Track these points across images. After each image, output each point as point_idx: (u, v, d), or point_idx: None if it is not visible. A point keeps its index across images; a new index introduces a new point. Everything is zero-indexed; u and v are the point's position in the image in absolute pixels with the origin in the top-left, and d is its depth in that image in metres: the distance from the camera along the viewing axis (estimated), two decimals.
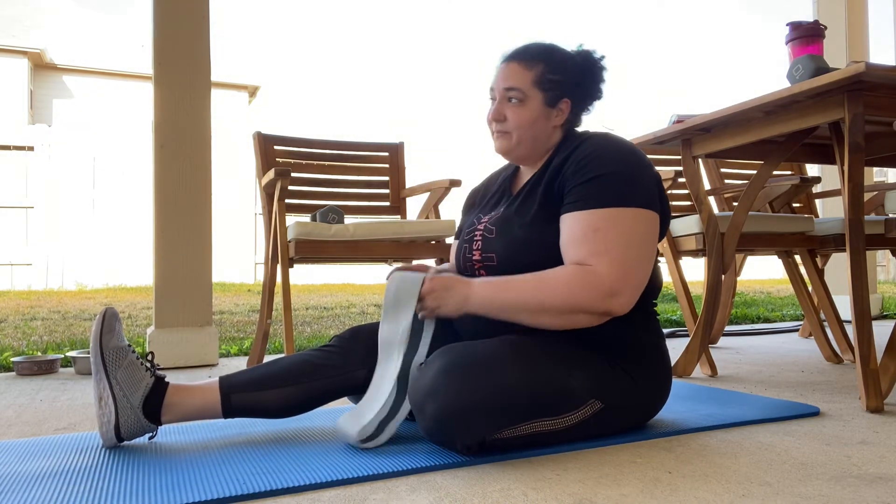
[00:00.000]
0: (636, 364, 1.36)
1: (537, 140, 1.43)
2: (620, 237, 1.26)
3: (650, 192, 1.32)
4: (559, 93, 1.42)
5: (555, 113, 1.43)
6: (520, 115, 1.41)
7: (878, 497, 1.01)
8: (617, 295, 1.25)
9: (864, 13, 4.19)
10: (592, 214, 1.28)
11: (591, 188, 1.30)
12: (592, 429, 1.31)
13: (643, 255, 1.29)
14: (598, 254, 1.26)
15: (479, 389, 1.18)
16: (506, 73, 1.43)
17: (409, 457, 1.22)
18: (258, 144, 2.78)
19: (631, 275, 1.26)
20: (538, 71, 1.41)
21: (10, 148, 11.51)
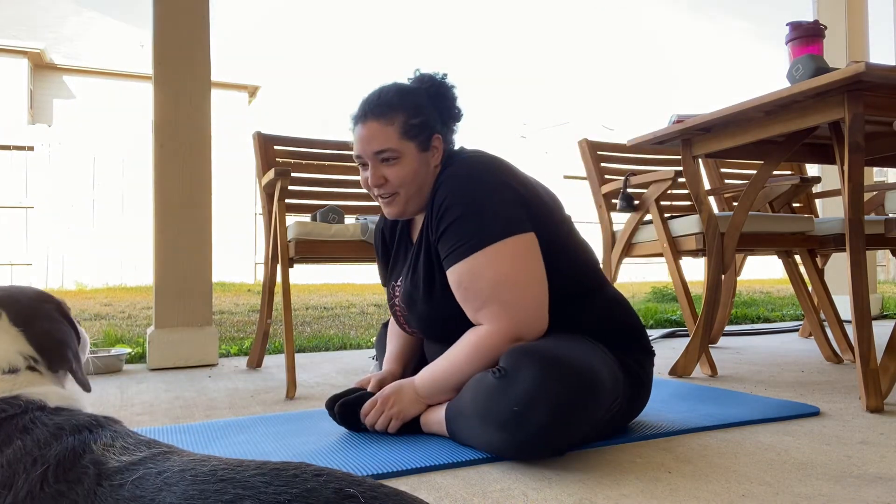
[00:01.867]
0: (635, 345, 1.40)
1: (423, 189, 1.40)
2: (489, 284, 1.26)
3: (503, 216, 1.28)
4: (428, 133, 1.38)
5: (431, 154, 1.40)
6: (400, 173, 1.36)
7: (878, 497, 1.01)
8: (521, 337, 1.27)
9: (864, 13, 4.19)
10: (455, 271, 1.29)
11: (447, 241, 1.30)
12: (616, 420, 1.33)
13: (521, 285, 1.26)
14: (480, 310, 1.28)
15: (583, 385, 1.17)
16: (368, 135, 1.37)
17: (409, 457, 1.22)
18: (258, 144, 2.78)
19: (519, 313, 1.26)
20: (400, 122, 1.36)
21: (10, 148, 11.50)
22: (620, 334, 1.39)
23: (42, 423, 0.65)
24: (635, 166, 2.92)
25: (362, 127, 1.38)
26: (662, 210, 2.49)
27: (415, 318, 1.44)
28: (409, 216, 1.46)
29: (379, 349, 1.83)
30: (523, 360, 1.19)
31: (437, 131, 1.40)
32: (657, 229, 2.47)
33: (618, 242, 2.68)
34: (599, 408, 1.21)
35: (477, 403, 1.21)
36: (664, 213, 2.49)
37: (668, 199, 2.83)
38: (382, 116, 1.36)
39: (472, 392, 1.24)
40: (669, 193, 2.63)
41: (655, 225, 2.48)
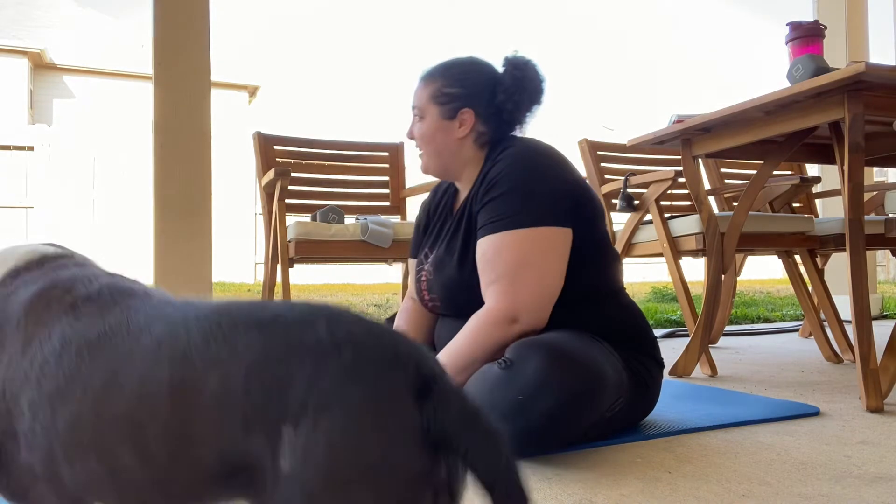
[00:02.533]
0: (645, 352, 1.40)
1: (442, 154, 1.46)
2: (506, 263, 1.28)
3: (545, 207, 1.31)
4: (456, 105, 1.43)
5: (456, 124, 1.43)
6: (420, 130, 1.47)
7: (878, 497, 1.01)
8: (517, 320, 1.28)
9: (864, 13, 4.19)
10: (484, 242, 1.32)
11: (486, 214, 1.33)
12: (615, 421, 1.32)
13: (535, 273, 1.28)
14: (489, 285, 1.30)
15: (588, 379, 1.18)
16: (414, 93, 1.50)
17: None
18: (258, 144, 2.78)
19: (523, 297, 1.28)
20: (435, 87, 1.45)
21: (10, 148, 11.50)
22: (630, 338, 1.40)
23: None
24: (635, 166, 2.92)
25: (417, 84, 1.51)
26: (662, 210, 2.49)
27: (439, 284, 1.45)
28: (435, 174, 1.53)
29: None
30: (530, 352, 1.20)
31: (470, 107, 1.43)
32: (657, 229, 2.47)
33: (618, 242, 2.68)
34: (602, 404, 1.22)
35: (481, 394, 1.21)
36: (664, 213, 2.49)
37: (668, 199, 2.83)
38: (426, 79, 1.48)
39: (476, 384, 1.24)
40: (669, 193, 2.63)
41: (655, 225, 2.48)
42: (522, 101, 1.44)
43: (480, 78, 1.45)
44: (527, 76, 1.44)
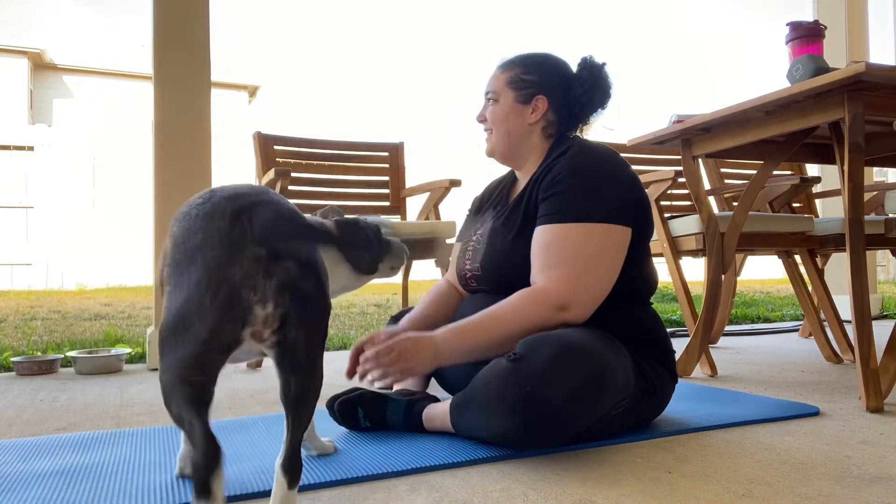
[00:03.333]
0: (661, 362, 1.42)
1: (512, 136, 1.50)
2: (570, 252, 1.30)
3: (613, 204, 1.34)
4: (532, 91, 1.49)
5: (529, 110, 1.49)
6: (493, 112, 1.53)
7: (878, 497, 1.01)
8: (567, 308, 1.29)
9: (864, 13, 4.19)
10: (549, 230, 1.34)
11: (553, 203, 1.36)
12: (619, 420, 1.33)
13: (595, 267, 1.31)
14: (547, 268, 1.31)
15: (596, 374, 1.19)
16: (490, 79, 1.55)
17: (409, 457, 1.22)
18: (258, 144, 2.78)
19: (580, 287, 1.30)
20: (513, 73, 1.51)
21: (10, 148, 11.51)
22: (647, 344, 1.41)
23: None
24: (635, 166, 2.92)
25: (494, 72, 1.56)
26: (662, 210, 2.49)
27: (488, 254, 1.47)
28: (499, 159, 1.57)
29: None
30: (539, 345, 1.21)
31: (544, 94, 1.48)
32: (657, 229, 2.47)
33: None
34: (609, 400, 1.22)
35: (489, 386, 1.22)
36: (664, 213, 2.49)
37: (668, 199, 2.83)
38: (505, 66, 1.54)
39: (484, 377, 1.24)
40: (669, 193, 2.63)
41: (655, 225, 2.48)
42: (595, 98, 1.49)
43: (557, 70, 1.51)
44: (601, 76, 1.50)
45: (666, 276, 2.51)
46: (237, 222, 0.79)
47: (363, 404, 1.42)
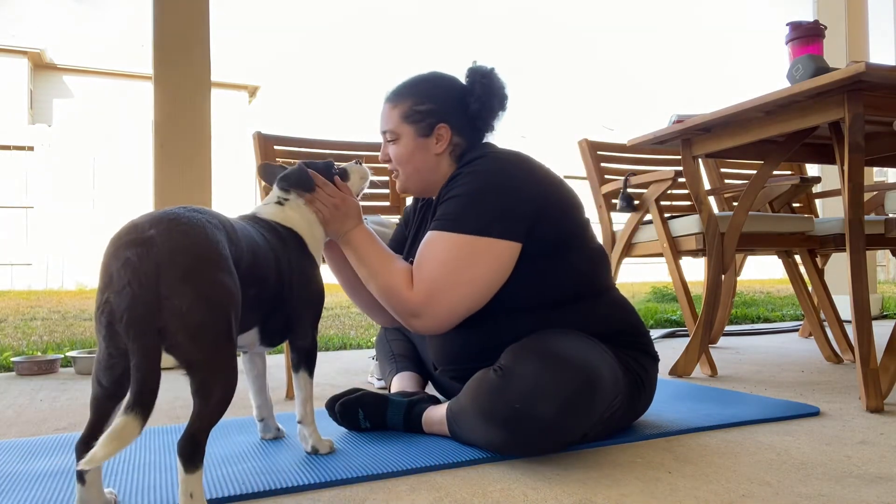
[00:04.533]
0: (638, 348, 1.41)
1: (422, 172, 1.46)
2: (438, 264, 1.29)
3: (492, 217, 1.29)
4: (431, 121, 1.43)
5: (433, 141, 1.44)
6: (396, 152, 1.46)
7: (878, 497, 1.01)
8: (417, 317, 1.30)
9: (864, 13, 4.19)
10: (429, 234, 1.33)
11: (442, 208, 1.35)
12: (615, 420, 1.32)
13: (460, 285, 1.28)
14: (417, 274, 1.31)
15: (584, 381, 1.17)
16: (382, 116, 1.48)
17: (409, 457, 1.22)
18: (258, 144, 2.78)
19: (435, 303, 1.29)
20: (405, 107, 1.44)
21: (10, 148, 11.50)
22: (622, 335, 1.39)
23: None
24: (635, 166, 2.92)
25: (383, 108, 1.49)
26: (662, 210, 2.49)
27: None
28: (413, 194, 1.53)
29: (379, 349, 1.83)
30: (522, 357, 1.20)
31: (446, 121, 1.43)
32: (657, 229, 2.47)
33: (618, 242, 2.68)
34: (601, 404, 1.21)
35: (478, 402, 1.21)
36: (664, 213, 2.49)
37: (668, 199, 2.83)
38: (393, 100, 1.47)
39: (472, 391, 1.24)
40: (669, 193, 2.63)
41: (655, 225, 2.48)
42: (492, 106, 1.45)
43: (449, 91, 1.45)
44: (494, 83, 1.45)
45: (666, 276, 2.50)
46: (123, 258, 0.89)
47: (363, 405, 1.42)
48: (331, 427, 1.46)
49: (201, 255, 0.93)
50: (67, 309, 5.81)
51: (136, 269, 0.87)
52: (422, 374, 1.68)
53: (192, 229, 0.94)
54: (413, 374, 1.66)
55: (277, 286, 1.16)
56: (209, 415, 0.92)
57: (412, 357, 1.71)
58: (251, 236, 1.12)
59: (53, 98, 16.10)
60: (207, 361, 0.92)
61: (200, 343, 0.90)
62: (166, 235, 0.91)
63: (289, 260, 1.21)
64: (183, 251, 0.91)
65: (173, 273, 0.88)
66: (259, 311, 1.12)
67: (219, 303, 0.92)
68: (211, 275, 0.92)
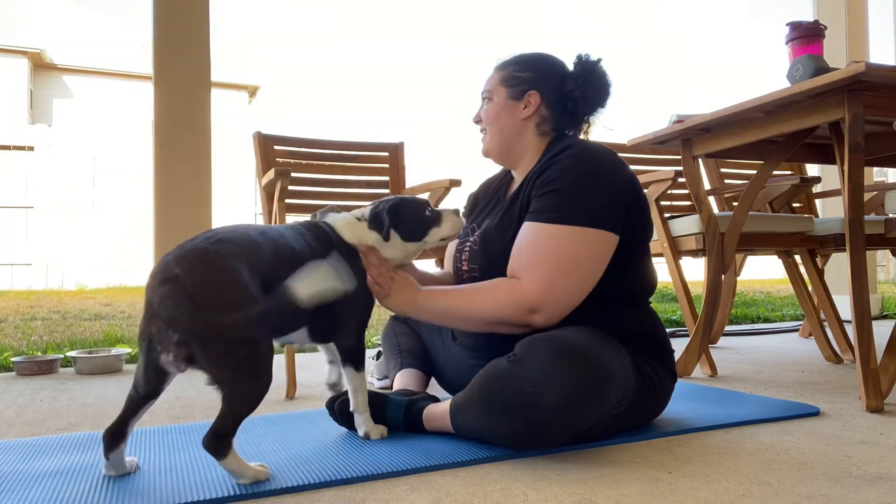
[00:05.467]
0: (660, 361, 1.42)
1: (505, 133, 1.50)
2: (551, 255, 1.30)
3: (601, 209, 1.32)
4: (524, 87, 1.49)
5: (522, 105, 1.49)
6: (487, 111, 1.53)
7: (878, 497, 1.01)
8: (537, 311, 1.30)
9: (864, 13, 4.19)
10: (536, 228, 1.34)
11: (542, 201, 1.35)
12: (620, 420, 1.32)
13: (575, 274, 1.30)
14: (528, 269, 1.32)
15: (595, 374, 1.18)
16: (487, 80, 1.55)
17: (409, 457, 1.22)
18: (258, 144, 2.78)
19: (555, 293, 1.29)
20: (507, 72, 1.52)
21: (10, 148, 11.51)
22: (646, 344, 1.41)
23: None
24: (635, 166, 2.92)
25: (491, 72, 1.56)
26: (662, 210, 2.49)
27: (484, 257, 1.48)
28: (495, 158, 1.57)
29: (385, 342, 1.83)
30: (537, 346, 1.21)
31: (536, 89, 1.48)
32: (657, 229, 2.47)
33: None
34: (608, 400, 1.22)
35: (488, 388, 1.22)
36: (664, 213, 2.49)
37: (668, 199, 2.83)
38: (500, 67, 1.54)
39: (483, 378, 1.25)
40: (669, 193, 2.63)
41: (655, 225, 2.48)
42: (588, 94, 1.48)
43: (551, 67, 1.51)
44: (596, 73, 1.49)
45: (666, 276, 2.51)
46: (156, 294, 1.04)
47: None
48: (331, 427, 1.46)
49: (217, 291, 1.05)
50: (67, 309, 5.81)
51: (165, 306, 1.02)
52: (426, 372, 1.68)
53: (209, 266, 1.07)
54: (417, 372, 1.66)
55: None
56: (231, 417, 1.06)
57: (418, 354, 1.71)
58: (288, 250, 1.21)
59: (53, 98, 16.11)
60: (228, 380, 1.06)
61: (219, 367, 1.05)
62: (187, 275, 1.04)
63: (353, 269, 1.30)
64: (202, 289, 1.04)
65: (194, 309, 1.02)
66: (305, 312, 1.21)
67: (233, 331, 1.04)
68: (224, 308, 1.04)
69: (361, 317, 1.35)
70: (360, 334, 1.34)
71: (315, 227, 1.34)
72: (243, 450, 1.31)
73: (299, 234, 1.28)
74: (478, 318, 1.35)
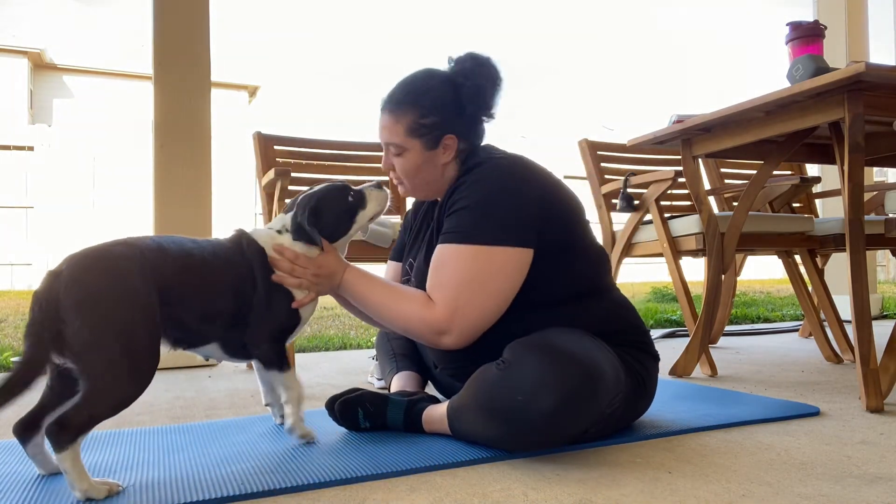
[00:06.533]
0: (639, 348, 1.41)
1: (430, 182, 1.45)
2: (456, 276, 1.29)
3: (507, 225, 1.29)
4: (438, 133, 1.40)
5: (441, 151, 1.42)
6: (402, 165, 1.43)
7: (878, 497, 1.01)
8: (445, 334, 1.29)
9: (864, 13, 4.19)
10: (442, 249, 1.33)
11: (449, 222, 1.34)
12: (615, 418, 1.31)
13: (481, 294, 1.28)
14: (436, 289, 1.31)
15: (586, 376, 1.17)
16: (382, 125, 1.44)
17: (409, 457, 1.22)
18: (258, 144, 2.78)
19: (461, 316, 1.28)
20: (409, 120, 1.39)
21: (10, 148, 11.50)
22: (623, 334, 1.40)
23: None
24: (635, 166, 2.92)
25: (381, 116, 1.45)
26: (662, 210, 2.49)
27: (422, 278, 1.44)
28: (421, 198, 1.54)
29: (380, 347, 1.83)
30: (526, 351, 1.20)
31: (451, 131, 1.41)
32: (657, 229, 2.47)
33: (618, 242, 2.68)
34: (601, 400, 1.21)
35: (480, 396, 1.22)
36: (664, 213, 2.49)
37: (668, 199, 2.83)
38: (394, 111, 1.41)
39: (474, 386, 1.25)
40: (669, 193, 2.63)
41: (655, 225, 2.48)
42: (482, 83, 1.40)
43: (447, 96, 1.40)
44: (478, 59, 1.41)
45: (666, 276, 2.50)
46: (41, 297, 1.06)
47: (363, 405, 1.42)
48: (331, 427, 1.46)
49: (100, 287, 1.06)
50: None
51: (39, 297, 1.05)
52: (422, 373, 1.68)
53: (95, 264, 1.08)
54: (413, 374, 1.66)
55: (235, 304, 1.24)
56: (86, 413, 1.04)
57: (412, 356, 1.71)
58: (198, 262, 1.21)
59: (53, 98, 16.10)
60: (94, 376, 1.04)
61: (85, 361, 1.04)
62: (74, 267, 1.07)
63: (254, 280, 1.27)
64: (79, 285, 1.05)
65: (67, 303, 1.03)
66: (213, 325, 1.22)
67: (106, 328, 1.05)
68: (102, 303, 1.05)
69: (274, 325, 1.29)
70: (275, 340, 1.30)
71: (239, 240, 1.31)
72: (243, 449, 1.31)
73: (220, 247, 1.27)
74: (391, 322, 1.36)
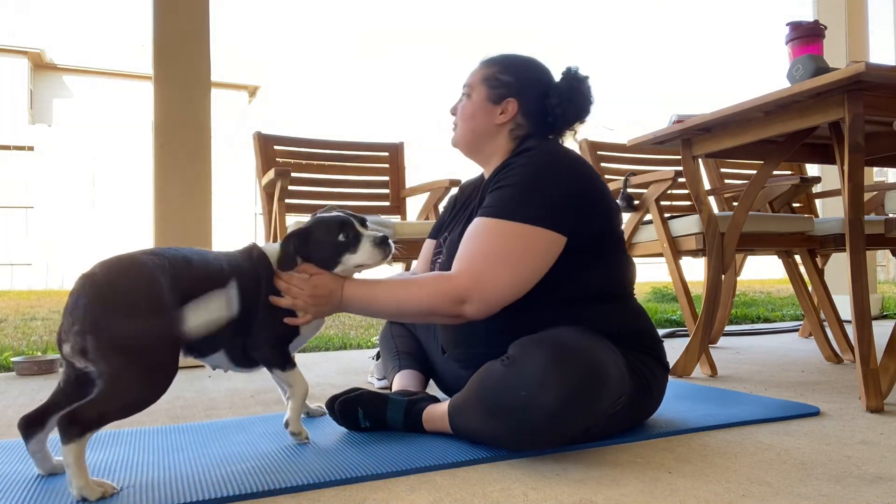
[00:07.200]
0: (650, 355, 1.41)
1: (476, 133, 1.50)
2: (482, 247, 1.30)
3: (545, 207, 1.31)
4: (504, 91, 1.47)
5: (498, 110, 1.48)
6: (464, 107, 1.52)
7: (878, 497, 1.01)
8: (465, 302, 1.29)
9: (864, 13, 4.19)
10: (476, 222, 1.35)
11: (489, 198, 1.36)
12: (617, 420, 1.31)
13: (504, 267, 1.29)
14: (461, 260, 1.32)
15: (591, 374, 1.18)
16: (470, 73, 1.54)
17: (409, 457, 1.22)
18: (258, 144, 2.78)
19: (484, 285, 1.28)
20: (490, 71, 1.50)
21: (10, 148, 11.51)
22: (636, 340, 1.41)
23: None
24: (635, 166, 2.93)
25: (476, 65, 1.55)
26: (662, 210, 2.49)
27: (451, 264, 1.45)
28: (462, 150, 1.57)
29: (383, 345, 1.83)
30: (532, 348, 1.21)
31: (515, 97, 1.47)
32: (657, 229, 2.47)
33: None
34: (605, 400, 1.21)
35: (484, 391, 1.22)
36: (664, 213, 2.49)
37: (668, 199, 2.83)
38: (485, 63, 1.53)
39: (477, 381, 1.25)
40: (669, 193, 2.63)
41: (655, 225, 2.48)
42: (569, 111, 1.47)
43: (536, 76, 1.49)
44: (581, 89, 1.47)
45: (666, 276, 2.50)
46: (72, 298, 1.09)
47: (363, 404, 1.42)
48: (331, 427, 1.46)
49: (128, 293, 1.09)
50: None
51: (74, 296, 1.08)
52: (424, 372, 1.68)
53: (129, 270, 1.12)
54: (415, 373, 1.66)
55: (240, 313, 1.25)
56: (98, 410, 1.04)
57: (416, 355, 1.71)
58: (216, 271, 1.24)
59: (53, 98, 16.11)
60: (111, 378, 1.05)
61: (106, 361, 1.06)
62: (105, 273, 1.10)
63: (258, 293, 1.29)
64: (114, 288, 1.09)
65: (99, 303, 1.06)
66: (221, 334, 1.23)
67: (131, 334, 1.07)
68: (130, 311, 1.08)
69: (272, 332, 1.31)
70: (275, 346, 1.32)
71: (250, 252, 1.34)
72: (243, 449, 1.31)
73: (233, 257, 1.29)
74: (410, 313, 1.37)
